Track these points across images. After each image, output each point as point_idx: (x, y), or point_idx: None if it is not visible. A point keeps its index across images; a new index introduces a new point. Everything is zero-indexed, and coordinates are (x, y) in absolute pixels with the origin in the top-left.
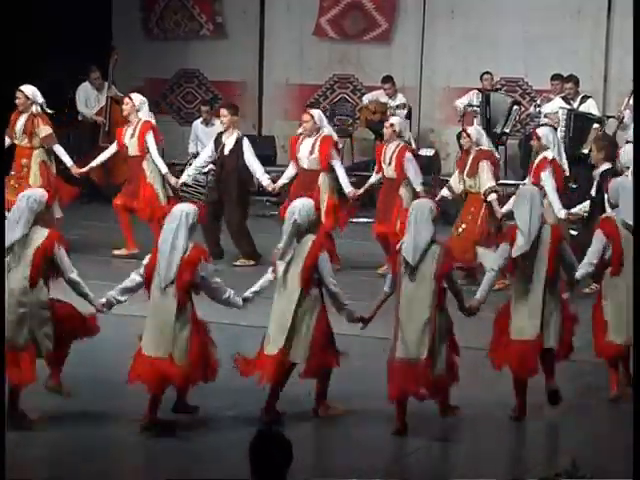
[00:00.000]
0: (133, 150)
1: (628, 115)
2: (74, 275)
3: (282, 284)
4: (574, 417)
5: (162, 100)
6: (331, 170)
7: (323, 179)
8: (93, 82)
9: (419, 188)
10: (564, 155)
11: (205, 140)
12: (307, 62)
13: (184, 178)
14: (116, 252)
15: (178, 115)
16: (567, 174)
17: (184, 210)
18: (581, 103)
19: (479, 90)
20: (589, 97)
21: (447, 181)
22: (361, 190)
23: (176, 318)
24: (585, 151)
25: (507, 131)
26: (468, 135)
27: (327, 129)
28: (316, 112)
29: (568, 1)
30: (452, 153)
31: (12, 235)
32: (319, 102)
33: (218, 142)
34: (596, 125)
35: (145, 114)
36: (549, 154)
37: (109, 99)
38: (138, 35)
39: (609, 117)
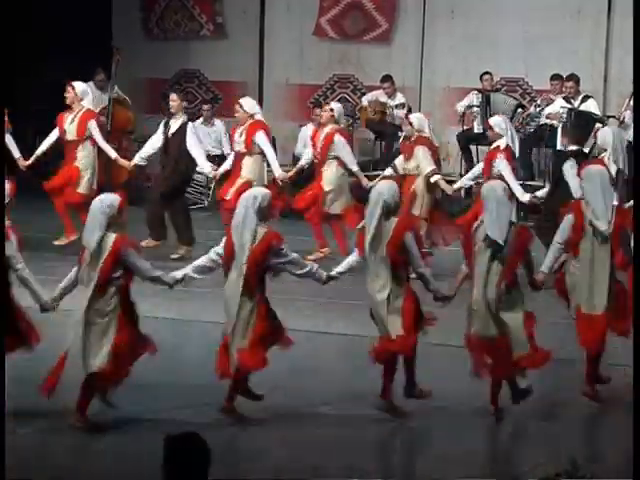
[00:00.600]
0: (71, 135)
1: (628, 116)
2: (155, 273)
3: (369, 267)
4: (574, 416)
5: (162, 100)
6: (259, 153)
7: (247, 162)
8: (97, 83)
9: (355, 168)
10: (517, 142)
11: (205, 140)
12: (307, 62)
13: (136, 159)
14: (56, 242)
15: None
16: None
17: (253, 193)
18: (582, 103)
19: (479, 91)
20: (590, 97)
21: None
22: (291, 172)
23: (241, 300)
24: (586, 150)
25: None
26: (410, 123)
27: (259, 115)
28: (245, 101)
29: (568, 1)
30: (452, 153)
31: (91, 240)
32: (319, 102)
33: (167, 126)
34: (599, 125)
35: (88, 103)
36: (502, 142)
37: (111, 99)
38: (138, 35)
39: (609, 117)
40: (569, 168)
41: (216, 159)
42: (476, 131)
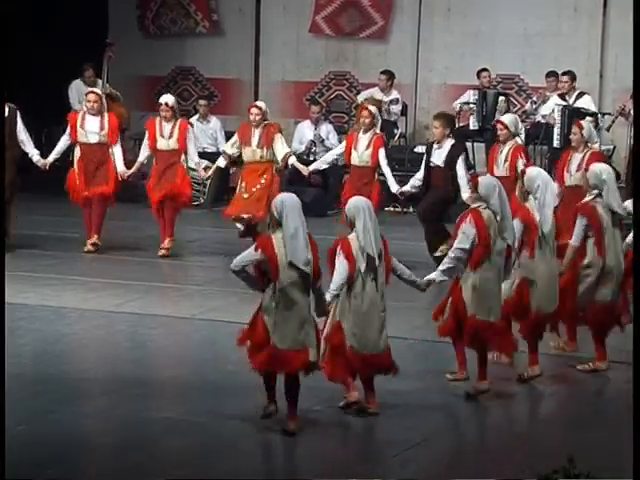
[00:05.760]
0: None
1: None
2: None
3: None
4: (572, 414)
5: (157, 98)
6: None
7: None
8: (87, 80)
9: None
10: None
11: (201, 137)
12: (303, 59)
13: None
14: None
15: None
16: None
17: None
18: (577, 99)
19: (476, 88)
20: (585, 93)
21: None
22: (210, 172)
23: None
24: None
25: None
26: (256, 108)
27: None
28: (170, 99)
29: None
30: None
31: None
32: (315, 99)
33: None
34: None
35: None
36: (519, 140)
37: (104, 95)
38: (134, 33)
39: (604, 114)
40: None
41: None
42: (472, 128)
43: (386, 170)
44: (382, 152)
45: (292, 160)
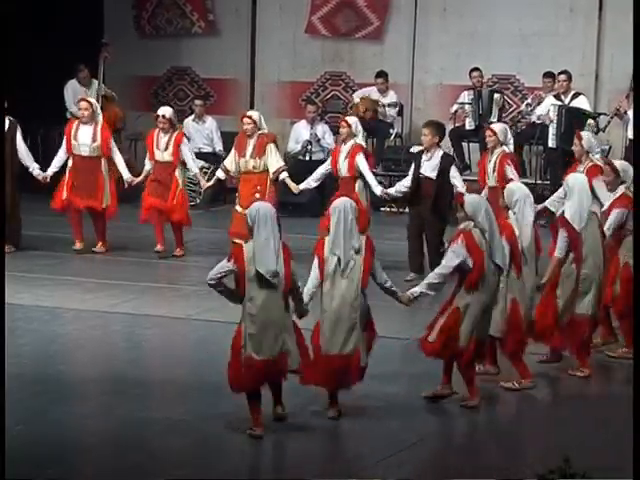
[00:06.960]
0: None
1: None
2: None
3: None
4: (569, 415)
5: (153, 98)
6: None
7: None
8: (81, 80)
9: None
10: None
11: (197, 138)
12: (299, 60)
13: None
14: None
15: None
16: None
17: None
18: (572, 100)
19: (471, 88)
20: (580, 94)
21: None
22: (210, 183)
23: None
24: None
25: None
26: (248, 117)
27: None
28: (168, 111)
29: None
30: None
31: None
32: (311, 99)
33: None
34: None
35: None
36: (506, 149)
37: (100, 96)
38: (130, 33)
39: (600, 114)
40: None
41: (208, 156)
42: (468, 128)
43: (367, 175)
44: (359, 158)
45: (283, 176)
